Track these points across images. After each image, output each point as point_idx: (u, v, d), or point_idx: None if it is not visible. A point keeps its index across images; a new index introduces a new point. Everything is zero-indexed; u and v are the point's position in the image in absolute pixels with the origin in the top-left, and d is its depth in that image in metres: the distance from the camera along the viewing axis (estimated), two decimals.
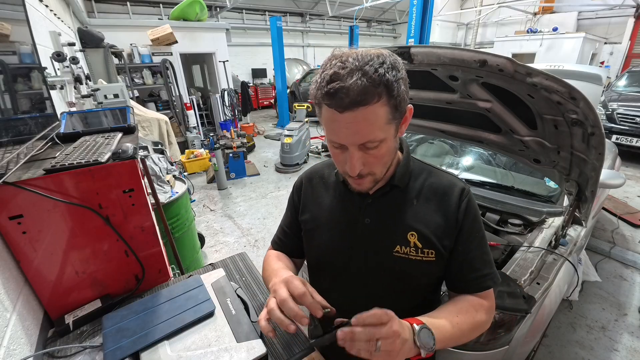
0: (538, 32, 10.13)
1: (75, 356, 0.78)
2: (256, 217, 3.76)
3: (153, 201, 1.44)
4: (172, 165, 2.57)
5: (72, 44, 2.45)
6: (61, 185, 0.82)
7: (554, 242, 1.54)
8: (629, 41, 10.08)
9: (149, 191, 1.27)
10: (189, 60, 8.17)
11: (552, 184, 1.97)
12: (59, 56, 1.78)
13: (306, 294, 0.59)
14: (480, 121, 1.38)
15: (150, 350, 0.74)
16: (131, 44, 5.21)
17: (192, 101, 6.16)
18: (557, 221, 1.68)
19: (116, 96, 2.82)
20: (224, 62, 6.48)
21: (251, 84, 11.36)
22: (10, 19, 1.00)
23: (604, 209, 3.39)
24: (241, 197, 4.35)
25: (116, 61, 4.84)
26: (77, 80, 1.90)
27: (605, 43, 10.51)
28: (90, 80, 2.72)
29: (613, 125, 5.08)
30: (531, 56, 10.16)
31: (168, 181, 2.20)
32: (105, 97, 2.77)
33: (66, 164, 0.82)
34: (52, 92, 1.53)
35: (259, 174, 5.13)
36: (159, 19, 8.73)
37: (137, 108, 3.60)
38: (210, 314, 0.84)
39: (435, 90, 1.33)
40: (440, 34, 13.06)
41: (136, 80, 5.26)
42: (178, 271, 1.61)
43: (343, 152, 0.61)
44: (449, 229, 0.70)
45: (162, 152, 2.57)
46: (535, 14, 11.34)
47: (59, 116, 1.20)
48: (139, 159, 0.98)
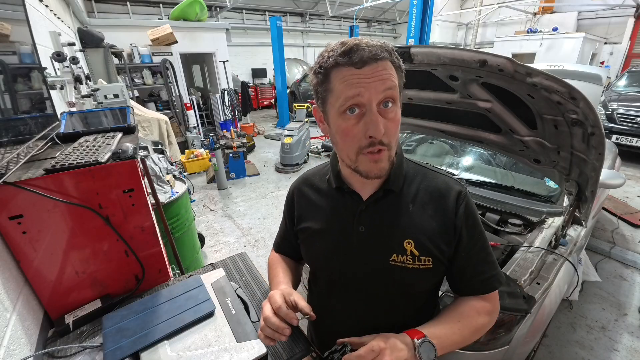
0: (538, 32, 10.13)
1: (75, 356, 0.78)
2: (256, 217, 3.76)
3: (153, 201, 1.44)
4: (172, 165, 2.57)
5: (72, 44, 2.45)
6: (61, 185, 0.82)
7: (554, 242, 1.54)
8: (629, 41, 10.08)
9: (149, 191, 1.27)
10: (189, 60, 8.17)
11: (552, 184, 1.97)
12: (59, 56, 1.78)
13: (280, 307, 0.64)
14: (480, 121, 1.38)
15: (150, 350, 0.74)
16: (131, 44, 5.21)
17: (192, 101, 6.16)
18: (557, 221, 1.68)
19: (116, 96, 2.82)
20: (224, 62, 6.48)
21: (251, 84, 11.36)
22: (10, 19, 1.00)
23: (604, 209, 3.39)
24: (241, 197, 4.35)
25: (116, 61, 4.84)
26: (77, 80, 1.90)
27: (605, 43, 10.51)
28: (90, 80, 2.72)
29: (613, 125, 5.08)
30: (531, 56, 10.16)
31: (168, 181, 2.20)
32: (105, 97, 2.77)
33: (66, 164, 0.82)
34: (52, 92, 1.53)
35: (259, 174, 5.13)
36: (159, 19, 8.73)
37: (137, 108, 3.60)
38: (210, 314, 0.84)
39: (435, 90, 1.33)
40: (440, 34, 13.06)
41: (136, 80, 5.26)
42: (178, 271, 1.61)
43: (359, 122, 0.57)
44: (447, 234, 0.68)
45: (162, 152, 2.57)
46: (535, 14, 11.34)
47: (59, 116, 1.20)
48: (139, 159, 0.98)
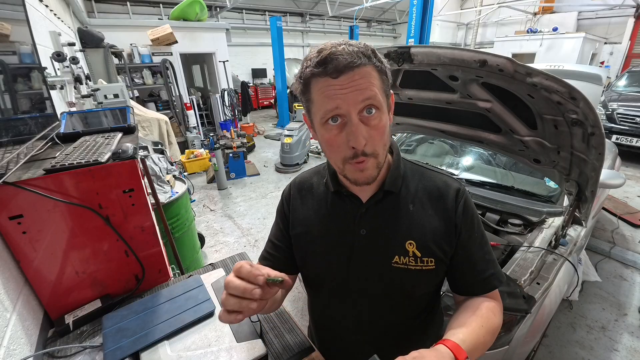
0: (538, 32, 10.12)
1: (75, 356, 0.78)
2: (256, 217, 3.76)
3: (153, 201, 1.44)
4: (172, 165, 2.57)
5: (72, 44, 2.45)
6: (61, 185, 0.82)
7: (554, 242, 1.54)
8: (629, 41, 10.07)
9: (149, 191, 1.27)
10: (189, 60, 8.17)
11: (552, 184, 1.97)
12: (59, 56, 1.78)
13: (242, 267, 0.53)
14: (480, 121, 1.38)
15: (150, 350, 0.74)
16: (131, 44, 5.21)
17: (192, 101, 6.16)
18: (557, 221, 1.68)
19: (116, 96, 2.82)
20: (224, 62, 6.48)
21: (251, 84, 11.36)
22: (10, 19, 1.00)
23: (604, 209, 3.39)
24: (241, 197, 4.35)
25: (116, 61, 4.84)
26: (77, 80, 1.90)
27: (605, 43, 10.51)
28: (90, 80, 2.72)
29: (613, 125, 5.08)
30: (531, 56, 10.16)
31: (168, 181, 2.20)
32: (105, 97, 2.77)
33: (66, 164, 0.82)
34: (52, 92, 1.53)
35: (259, 174, 5.13)
36: (159, 19, 8.73)
37: (137, 108, 3.60)
38: (210, 314, 0.84)
39: (435, 90, 1.33)
40: (440, 34, 13.06)
41: (136, 80, 5.26)
42: (178, 271, 1.61)
43: (341, 131, 0.56)
44: (447, 233, 0.67)
45: (162, 152, 2.57)
46: (535, 14, 11.34)
47: (59, 116, 1.20)
48: (139, 159, 0.98)
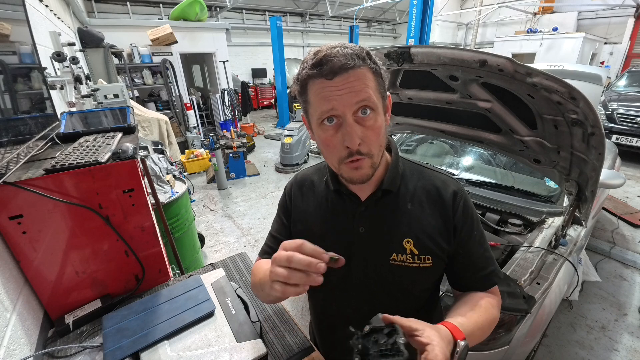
0: (538, 32, 10.12)
1: (75, 356, 0.78)
2: (256, 217, 3.76)
3: (153, 201, 1.44)
4: (172, 165, 2.57)
5: (72, 44, 2.45)
6: (61, 185, 0.82)
7: (554, 242, 1.54)
8: (629, 41, 10.07)
9: (149, 191, 1.27)
10: (189, 60, 8.17)
11: (552, 184, 1.97)
12: (59, 56, 1.78)
13: (303, 244, 0.52)
14: (480, 121, 1.38)
15: (150, 350, 0.74)
16: (131, 44, 5.21)
17: (192, 101, 6.16)
18: (557, 221, 1.68)
19: (116, 96, 2.82)
20: (224, 62, 6.48)
21: (251, 84, 11.36)
22: (10, 19, 1.00)
23: (604, 209, 3.39)
24: (241, 197, 4.35)
25: (116, 61, 4.84)
26: (77, 80, 1.90)
27: (605, 43, 10.51)
28: (90, 80, 2.72)
29: (613, 125, 5.08)
30: (531, 56, 10.15)
31: (168, 181, 2.20)
32: (105, 97, 2.77)
33: (66, 164, 0.82)
34: (52, 92, 1.53)
35: (259, 174, 5.13)
36: (159, 19, 8.73)
37: (137, 108, 3.60)
38: (210, 314, 0.84)
39: (435, 90, 1.33)
40: (440, 34, 13.06)
41: (136, 80, 5.26)
42: (178, 271, 1.60)
43: (337, 132, 0.57)
44: (445, 232, 0.69)
45: (162, 152, 2.56)
46: (535, 14, 11.33)
47: (59, 116, 1.20)
48: (139, 159, 0.98)
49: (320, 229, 0.75)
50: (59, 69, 1.91)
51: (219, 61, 6.50)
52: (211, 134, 5.32)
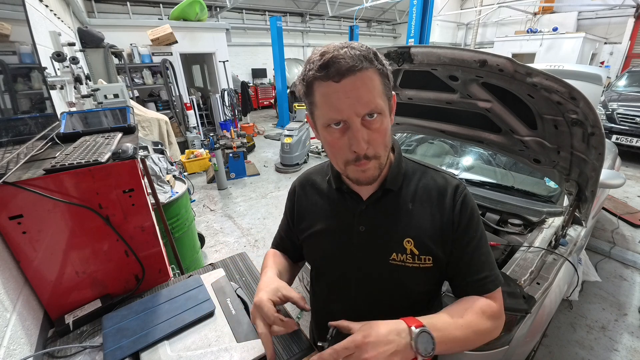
0: (538, 32, 10.12)
1: (75, 356, 0.78)
2: (256, 217, 3.76)
3: (153, 201, 1.44)
4: (172, 165, 2.57)
5: (72, 44, 2.45)
6: (61, 185, 0.82)
7: (554, 242, 1.54)
8: (629, 41, 10.07)
9: (149, 191, 1.27)
10: (189, 60, 8.17)
11: (552, 184, 1.97)
12: (59, 56, 1.78)
13: (274, 323, 0.65)
14: (480, 121, 1.38)
15: (150, 350, 0.74)
16: (131, 44, 5.21)
17: (192, 101, 6.16)
18: (557, 221, 1.68)
19: (116, 96, 2.82)
20: (224, 62, 6.48)
21: (251, 84, 11.36)
22: (10, 19, 1.00)
23: (604, 209, 3.39)
24: (241, 197, 4.35)
25: (116, 61, 4.84)
26: (77, 80, 1.90)
27: (605, 43, 10.51)
28: (90, 80, 2.72)
29: (613, 125, 5.08)
30: (531, 56, 10.15)
31: (168, 181, 2.20)
32: (105, 97, 2.78)
33: (66, 164, 0.81)
34: (52, 92, 1.53)
35: (259, 174, 5.13)
36: (159, 19, 8.73)
37: (137, 108, 3.60)
38: (210, 314, 0.84)
39: (435, 90, 1.33)
40: (440, 34, 13.06)
41: (136, 80, 5.26)
42: (178, 271, 1.61)
43: (343, 135, 0.57)
44: (446, 231, 0.67)
45: (162, 152, 2.56)
46: (535, 14, 11.33)
47: (59, 116, 1.20)
48: (139, 159, 0.98)
49: (322, 227, 0.77)
50: (59, 69, 1.91)
51: (219, 61, 6.50)
52: (211, 134, 5.32)
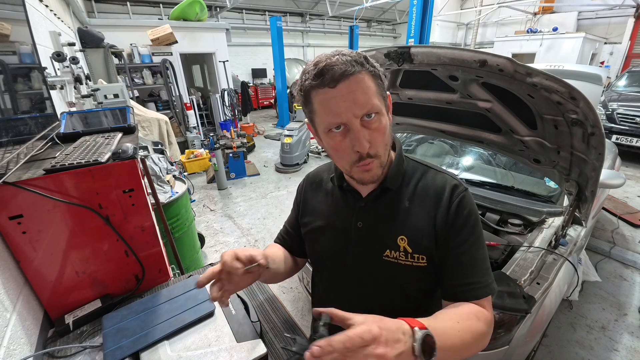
0: (538, 32, 10.12)
1: (75, 356, 0.78)
2: (256, 217, 3.76)
3: (153, 201, 1.44)
4: (172, 165, 2.57)
5: (72, 44, 2.45)
6: (61, 185, 0.82)
7: (554, 242, 1.54)
8: (629, 41, 10.06)
9: (149, 191, 1.27)
10: (189, 60, 8.17)
11: (552, 184, 1.97)
12: (59, 56, 1.78)
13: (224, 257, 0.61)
14: (480, 121, 1.38)
15: (150, 350, 0.74)
16: (131, 44, 5.21)
17: (192, 101, 6.16)
18: (557, 221, 1.68)
19: (116, 96, 2.82)
20: (224, 62, 6.48)
21: (251, 84, 11.36)
22: (10, 19, 1.00)
23: (604, 209, 3.39)
24: (241, 197, 4.35)
25: (116, 61, 4.84)
26: (77, 80, 1.90)
27: (605, 43, 10.50)
28: (90, 80, 2.72)
29: (613, 125, 5.08)
30: (531, 56, 10.15)
31: (168, 181, 2.20)
32: (105, 97, 2.78)
33: (66, 164, 0.82)
34: (52, 92, 1.53)
35: (259, 174, 5.13)
36: (159, 19, 8.73)
37: (137, 108, 3.60)
38: (210, 314, 0.84)
39: (435, 90, 1.33)
40: (440, 34, 13.05)
41: (136, 80, 5.26)
42: (178, 271, 1.60)
43: (345, 137, 0.60)
44: (440, 231, 0.66)
45: (162, 152, 2.56)
46: (535, 14, 11.33)
47: (59, 116, 1.20)
48: (139, 159, 0.98)
49: (324, 222, 0.80)
50: (59, 69, 1.91)
51: (219, 61, 6.49)
52: (211, 134, 5.32)
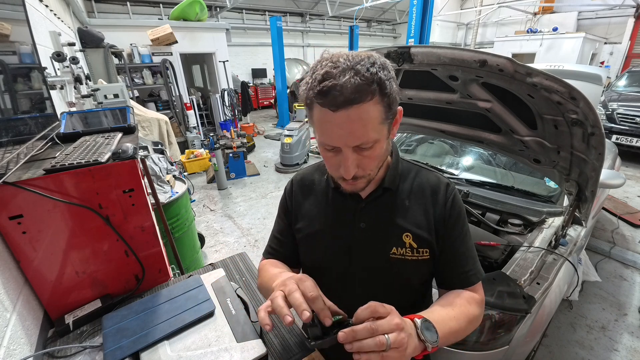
0: (538, 32, 10.12)
1: (75, 356, 0.78)
2: (256, 217, 3.76)
3: (153, 201, 1.44)
4: (172, 165, 2.57)
5: (72, 44, 2.45)
6: (61, 185, 0.82)
7: (554, 242, 1.54)
8: (629, 41, 10.07)
9: (149, 191, 1.27)
10: (189, 60, 8.17)
11: (552, 184, 1.97)
12: (59, 56, 1.78)
13: (319, 297, 0.54)
14: (480, 121, 1.38)
15: (150, 350, 0.74)
16: (131, 44, 5.21)
17: (192, 101, 6.16)
18: (557, 221, 1.68)
19: (116, 96, 2.82)
20: (224, 62, 6.48)
21: (251, 84, 11.36)
22: (10, 19, 1.00)
23: (604, 209, 3.39)
24: (241, 197, 4.35)
25: (116, 61, 4.84)
26: (77, 80, 1.90)
27: (605, 43, 10.50)
28: (90, 80, 2.72)
29: (613, 125, 5.08)
30: (531, 56, 10.15)
31: (168, 181, 2.20)
32: (105, 97, 2.78)
33: (66, 164, 0.81)
34: (52, 92, 1.53)
35: (259, 174, 5.13)
36: (159, 19, 8.73)
37: (137, 108, 3.60)
38: (210, 314, 0.84)
39: (435, 90, 1.33)
40: (440, 34, 13.06)
41: (136, 80, 5.26)
42: (178, 271, 1.60)
43: (336, 155, 0.60)
44: (438, 225, 0.72)
45: (162, 152, 2.56)
46: (535, 14, 11.33)
47: (59, 116, 1.20)
48: (139, 159, 0.98)
49: (322, 225, 0.78)
50: (59, 69, 1.91)
51: (219, 61, 6.49)
52: (211, 134, 5.32)
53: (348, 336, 0.49)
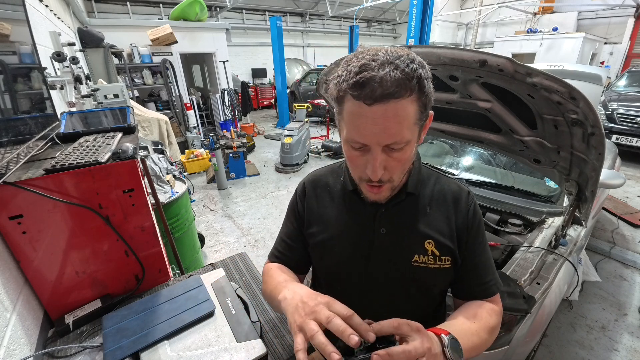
0: (538, 32, 10.13)
1: (75, 356, 0.78)
2: (256, 217, 3.76)
3: (153, 201, 1.44)
4: (172, 165, 2.56)
5: (72, 44, 2.45)
6: (61, 185, 0.82)
7: (554, 242, 1.54)
8: (629, 41, 10.07)
9: (149, 191, 1.27)
10: (189, 60, 8.16)
11: (552, 184, 1.97)
12: (59, 56, 1.78)
13: (354, 315, 0.49)
14: (480, 121, 1.38)
15: (150, 350, 0.74)
16: (131, 44, 5.21)
17: (192, 101, 6.16)
18: (557, 221, 1.68)
19: (116, 96, 2.82)
20: (224, 62, 6.48)
21: (251, 84, 11.36)
22: (10, 19, 1.00)
23: (604, 209, 3.39)
24: (241, 197, 4.35)
25: (116, 61, 4.84)
26: (77, 80, 1.90)
27: (605, 43, 10.51)
28: (90, 80, 2.72)
29: (613, 125, 5.08)
30: (531, 56, 10.16)
31: (168, 181, 2.20)
32: (105, 97, 2.78)
33: (66, 164, 0.82)
34: (52, 92, 1.53)
35: (259, 174, 5.13)
36: (159, 19, 8.73)
37: (137, 108, 3.60)
38: (210, 314, 0.84)
39: (435, 90, 1.32)
40: (440, 34, 13.06)
41: (136, 80, 5.26)
42: (178, 271, 1.60)
43: (363, 155, 0.56)
44: (461, 234, 0.70)
45: (162, 152, 2.56)
46: (535, 14, 11.34)
47: (59, 116, 1.20)
48: (139, 159, 0.98)
49: (338, 230, 0.74)
50: (59, 69, 1.91)
51: (219, 61, 6.49)
52: (211, 134, 5.31)
53: (383, 359, 0.44)
